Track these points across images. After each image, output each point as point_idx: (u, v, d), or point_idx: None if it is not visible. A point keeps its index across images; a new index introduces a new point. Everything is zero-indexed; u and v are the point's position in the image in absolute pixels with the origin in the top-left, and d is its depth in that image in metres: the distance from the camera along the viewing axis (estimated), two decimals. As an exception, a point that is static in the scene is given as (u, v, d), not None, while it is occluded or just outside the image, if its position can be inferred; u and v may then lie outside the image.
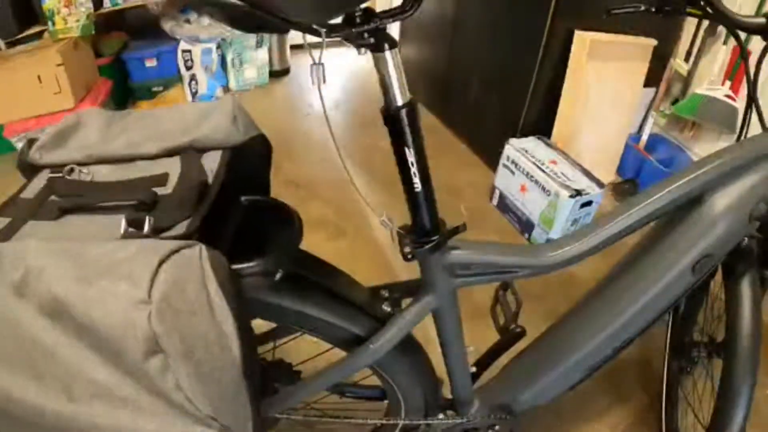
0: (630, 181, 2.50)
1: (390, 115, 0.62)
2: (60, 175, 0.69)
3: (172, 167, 0.71)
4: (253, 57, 3.33)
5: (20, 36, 2.49)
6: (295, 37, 3.61)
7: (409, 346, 0.94)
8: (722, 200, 0.77)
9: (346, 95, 3.46)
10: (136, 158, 0.74)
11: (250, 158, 0.78)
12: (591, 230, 0.80)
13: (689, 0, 0.87)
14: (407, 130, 0.63)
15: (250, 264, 0.64)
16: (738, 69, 2.15)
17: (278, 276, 0.70)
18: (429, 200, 0.69)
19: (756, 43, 0.89)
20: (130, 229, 0.56)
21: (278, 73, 3.59)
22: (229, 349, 0.55)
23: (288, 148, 2.79)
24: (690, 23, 2.35)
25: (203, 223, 0.61)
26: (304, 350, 1.07)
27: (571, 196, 1.97)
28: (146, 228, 0.57)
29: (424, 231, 0.72)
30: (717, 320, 1.23)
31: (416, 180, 0.66)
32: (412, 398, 1.01)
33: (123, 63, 2.94)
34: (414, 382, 0.98)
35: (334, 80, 3.65)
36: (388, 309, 0.85)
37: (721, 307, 1.12)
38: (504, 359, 1.09)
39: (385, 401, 1.12)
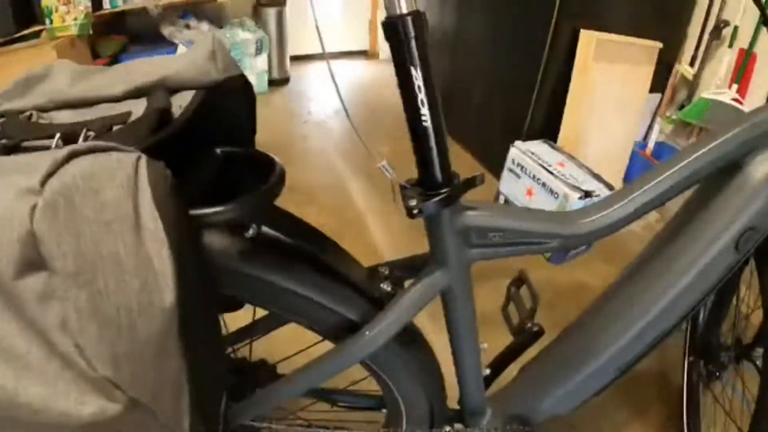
0: None
1: (391, 26, 0.50)
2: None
3: (137, 107, 0.61)
4: (252, 64, 3.26)
5: (18, 35, 2.43)
6: (295, 47, 3.58)
7: (413, 338, 0.79)
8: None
9: (347, 103, 3.39)
10: (101, 101, 0.64)
11: (230, 102, 0.66)
12: (625, 195, 0.68)
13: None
14: (413, 44, 0.50)
15: (214, 209, 0.51)
16: (744, 71, 2.09)
17: (250, 232, 0.56)
18: (439, 141, 0.56)
19: (762, 45, 0.77)
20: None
21: (278, 82, 3.53)
22: (157, 292, 0.40)
23: (286, 154, 2.74)
24: (695, 27, 2.29)
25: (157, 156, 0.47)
26: (289, 348, 0.93)
27: (581, 198, 1.87)
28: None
29: (434, 181, 0.58)
30: (745, 319, 1.13)
31: (424, 111, 0.53)
32: (415, 405, 0.86)
33: (121, 65, 2.86)
34: (417, 384, 0.83)
35: (333, 89, 3.56)
36: (388, 288, 0.71)
37: (752, 303, 1.03)
38: (514, 365, 0.95)
39: (383, 410, 0.97)
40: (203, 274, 0.48)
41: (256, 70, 3.29)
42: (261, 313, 0.84)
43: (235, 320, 0.84)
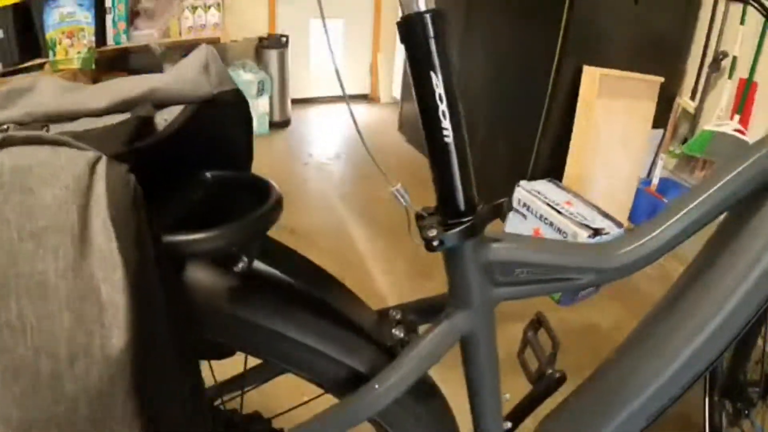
0: None
1: (408, 25, 0.44)
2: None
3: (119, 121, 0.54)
4: (254, 106, 3.25)
5: (21, 66, 2.45)
6: (296, 90, 3.60)
7: (427, 389, 0.70)
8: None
9: (347, 147, 3.40)
10: (82, 114, 0.57)
11: (223, 119, 0.59)
12: (661, 223, 0.62)
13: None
14: (432, 45, 0.44)
15: (194, 236, 0.42)
16: (746, 101, 2.08)
17: (239, 266, 0.48)
18: (462, 161, 0.48)
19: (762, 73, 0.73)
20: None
21: (279, 124, 3.51)
22: (100, 331, 0.30)
23: (286, 196, 2.64)
24: (694, 59, 2.30)
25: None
26: (286, 400, 0.82)
27: (590, 236, 1.81)
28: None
29: (455, 209, 0.51)
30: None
31: (445, 124, 0.45)
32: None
33: (122, 103, 2.85)
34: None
35: (336, 132, 3.60)
36: (401, 334, 0.62)
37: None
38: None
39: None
40: (177, 313, 0.39)
41: (257, 111, 3.28)
42: (255, 360, 0.74)
43: (225, 366, 0.75)
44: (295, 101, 3.64)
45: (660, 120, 2.32)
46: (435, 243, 0.51)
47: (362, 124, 2.70)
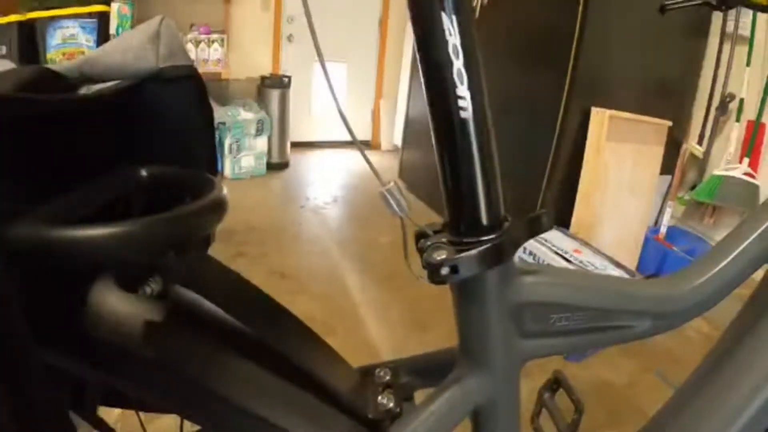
0: (654, 276, 2.25)
1: None
2: None
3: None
4: (252, 145, 3.17)
5: None
6: (296, 134, 3.55)
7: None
8: None
9: (344, 191, 3.32)
10: None
11: (172, 102, 0.46)
12: (726, 252, 0.49)
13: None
14: None
15: (70, 231, 0.27)
16: (755, 143, 2.03)
17: (147, 290, 0.32)
18: (484, 149, 0.33)
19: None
20: None
21: (277, 165, 3.42)
22: None
23: (278, 239, 2.58)
24: (700, 103, 2.25)
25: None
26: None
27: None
28: None
29: (474, 221, 0.35)
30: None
31: (462, 89, 0.31)
32: None
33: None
34: None
35: (333, 176, 3.53)
36: (389, 404, 0.44)
37: None
38: None
39: None
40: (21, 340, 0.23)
41: (255, 151, 3.20)
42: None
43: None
44: (294, 144, 3.59)
45: (667, 166, 2.27)
46: (444, 271, 0.34)
47: (362, 170, 2.60)
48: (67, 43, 2.46)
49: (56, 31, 2.43)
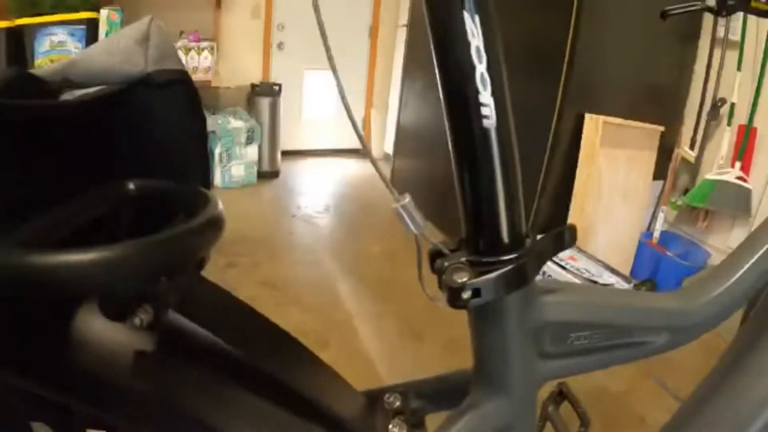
0: (648, 281, 2.24)
1: None
2: None
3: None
4: (243, 154, 3.13)
5: None
6: (287, 142, 3.51)
7: None
8: None
9: (336, 200, 3.29)
10: None
11: (162, 108, 0.43)
12: (741, 261, 0.48)
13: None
14: None
15: (51, 257, 0.24)
16: (746, 147, 2.03)
17: (137, 320, 0.29)
18: (507, 162, 0.31)
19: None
20: None
21: (268, 174, 3.38)
22: None
23: (270, 249, 2.53)
24: (692, 108, 2.26)
25: None
26: None
27: (612, 293, 1.65)
28: None
29: (495, 240, 0.32)
30: None
31: (485, 96, 0.28)
32: None
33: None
34: None
35: (324, 185, 3.50)
36: None
37: None
38: None
39: None
40: None
41: (245, 159, 3.16)
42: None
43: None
44: (285, 153, 3.55)
45: (660, 171, 2.28)
46: (465, 294, 0.32)
47: (353, 178, 2.58)
48: (56, 50, 2.42)
49: (45, 38, 2.39)
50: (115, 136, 0.43)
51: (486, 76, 0.28)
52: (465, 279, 0.31)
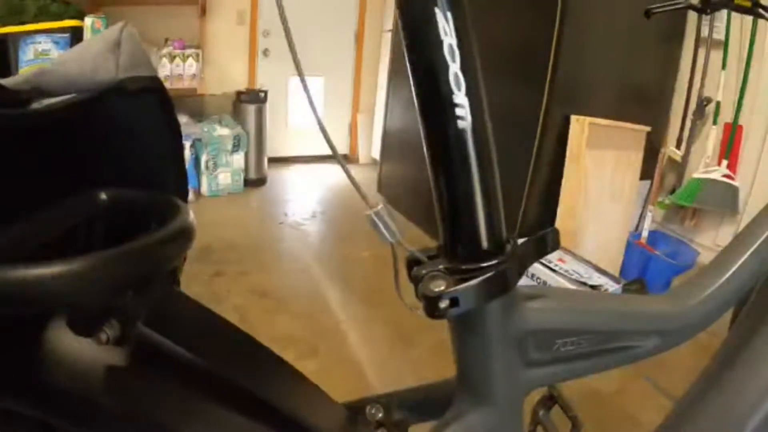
0: (637, 281, 2.23)
1: None
2: None
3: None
4: (229, 161, 3.11)
5: None
6: (273, 149, 3.50)
7: None
8: None
9: (323, 206, 3.27)
10: None
11: (134, 117, 0.42)
12: (728, 263, 0.48)
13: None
14: None
15: (16, 271, 0.23)
16: (732, 145, 2.05)
17: (104, 336, 0.27)
18: (484, 164, 0.30)
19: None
20: None
21: (254, 182, 3.36)
22: None
23: (258, 256, 2.50)
24: (677, 108, 2.28)
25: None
26: None
27: (599, 296, 1.65)
28: None
29: (474, 246, 0.31)
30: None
31: (459, 97, 0.27)
32: None
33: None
34: None
35: (311, 191, 3.48)
36: (383, 443, 0.40)
37: None
38: None
39: None
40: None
41: (232, 167, 3.14)
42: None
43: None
44: (271, 160, 3.53)
45: (647, 171, 2.29)
46: (443, 304, 0.30)
47: (340, 184, 2.57)
48: (40, 59, 2.38)
49: (29, 46, 2.35)
50: (87, 145, 0.42)
51: (460, 75, 0.27)
52: (442, 288, 0.30)
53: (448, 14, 0.26)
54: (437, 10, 0.26)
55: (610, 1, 2.01)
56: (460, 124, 0.28)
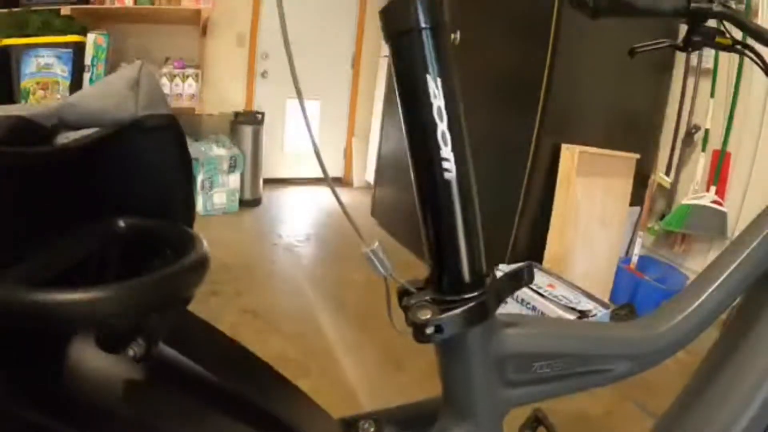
0: (627, 305, 2.27)
1: (394, 13, 0.32)
2: None
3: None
4: (225, 182, 3.15)
5: None
6: (269, 170, 3.54)
7: None
8: None
9: (317, 229, 3.30)
10: None
11: (151, 152, 0.46)
12: (700, 291, 0.52)
13: (717, 31, 0.69)
14: (428, 39, 0.32)
15: (52, 295, 0.27)
16: (721, 172, 2.10)
17: (131, 352, 0.31)
18: (467, 209, 0.34)
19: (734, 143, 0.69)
20: None
21: (249, 202, 3.39)
22: None
23: (251, 277, 2.52)
24: (667, 135, 2.33)
25: None
26: None
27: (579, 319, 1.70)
28: None
29: (457, 280, 0.36)
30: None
31: (446, 152, 0.32)
32: None
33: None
34: None
35: (306, 213, 3.51)
36: (374, 457, 0.44)
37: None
38: None
39: None
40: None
41: (227, 187, 3.17)
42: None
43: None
44: (267, 181, 3.57)
45: (636, 197, 2.33)
46: (429, 330, 0.35)
47: (335, 207, 2.59)
48: (42, 72, 2.41)
49: (31, 59, 2.39)
50: (107, 176, 0.46)
51: (447, 133, 0.31)
52: (428, 316, 0.34)
53: (438, 80, 0.31)
54: (428, 77, 0.31)
55: (601, 33, 2.05)
56: (446, 175, 0.33)
